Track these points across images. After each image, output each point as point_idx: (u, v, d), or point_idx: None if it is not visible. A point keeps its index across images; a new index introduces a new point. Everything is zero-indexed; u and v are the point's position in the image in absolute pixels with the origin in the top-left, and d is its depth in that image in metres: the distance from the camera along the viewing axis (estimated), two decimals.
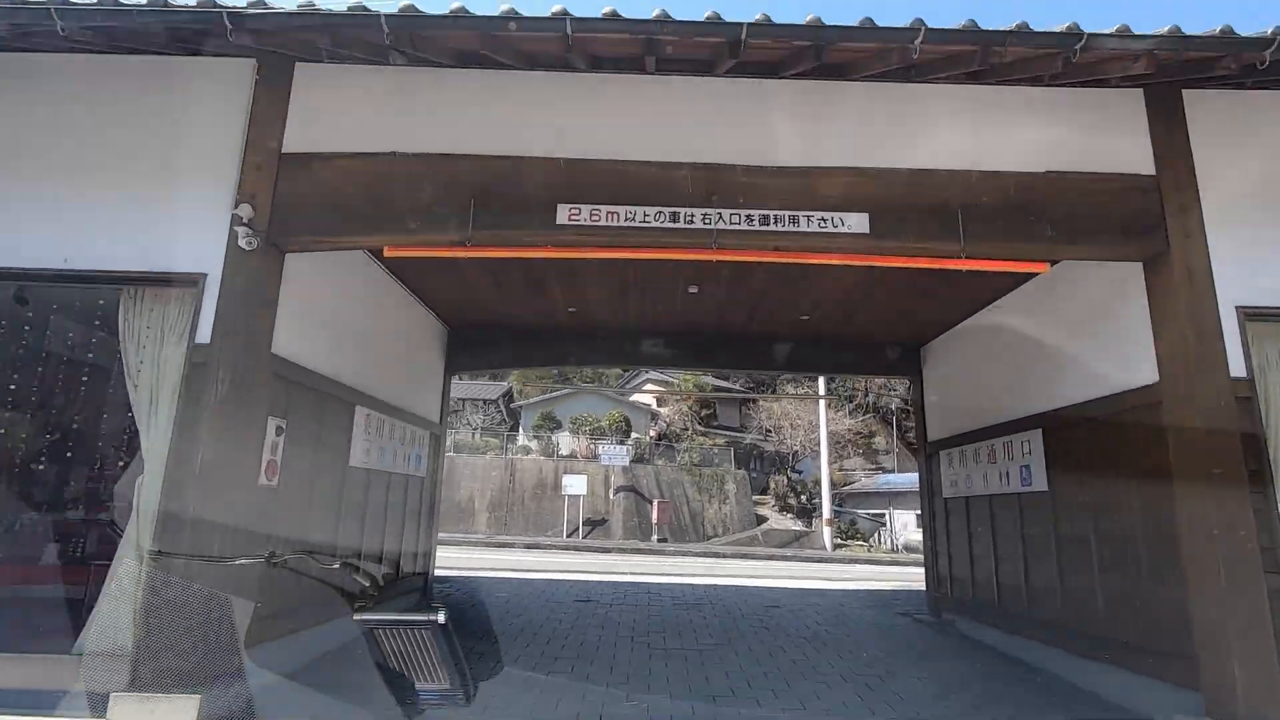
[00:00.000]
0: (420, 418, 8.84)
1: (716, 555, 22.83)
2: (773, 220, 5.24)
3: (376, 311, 7.67)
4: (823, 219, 5.24)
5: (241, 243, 5.12)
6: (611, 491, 27.30)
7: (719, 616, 8.85)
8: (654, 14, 4.69)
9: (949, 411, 9.01)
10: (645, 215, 5.25)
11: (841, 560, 23.73)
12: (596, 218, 5.25)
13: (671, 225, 5.23)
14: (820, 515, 30.99)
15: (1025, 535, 7.12)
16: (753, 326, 9.25)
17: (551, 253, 5.54)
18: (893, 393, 51.47)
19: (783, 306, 8.38)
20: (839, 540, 28.63)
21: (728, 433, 35.57)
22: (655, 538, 26.08)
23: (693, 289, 7.80)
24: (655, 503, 26.47)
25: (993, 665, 6.79)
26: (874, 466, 48.93)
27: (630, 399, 35.28)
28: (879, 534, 31.87)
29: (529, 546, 22.40)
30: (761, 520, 29.64)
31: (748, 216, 5.25)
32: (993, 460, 7.74)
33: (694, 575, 14.45)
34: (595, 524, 26.49)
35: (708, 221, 5.22)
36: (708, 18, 4.69)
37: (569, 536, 25.83)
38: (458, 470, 27.07)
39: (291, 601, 5.51)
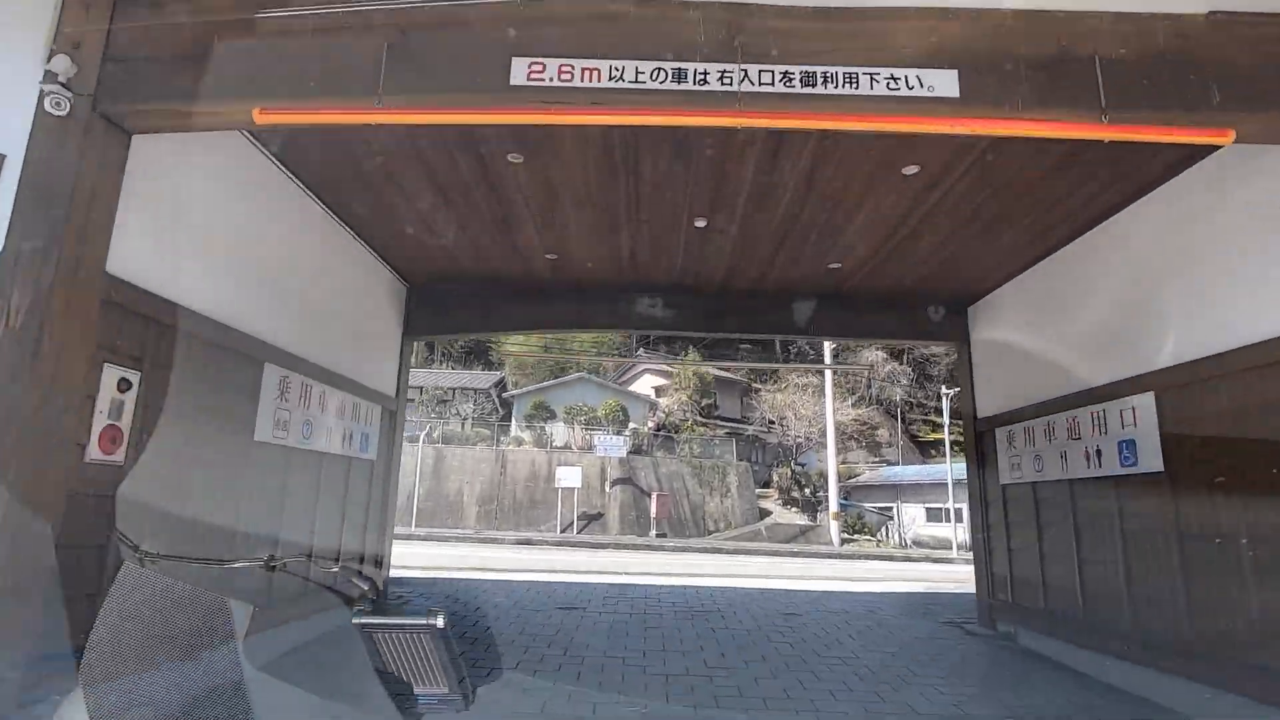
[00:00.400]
0: (369, 389, 7.22)
1: (719, 551, 21.25)
2: (820, 80, 3.61)
3: (305, 249, 6.03)
4: (892, 79, 3.62)
5: (50, 106, 3.49)
6: (608, 484, 25.69)
7: (730, 629, 7.25)
8: None
9: (1008, 380, 7.39)
10: (639, 73, 3.62)
11: (850, 556, 22.17)
12: (568, 76, 3.61)
13: (676, 87, 3.61)
14: (825, 509, 29.43)
15: (1126, 531, 5.50)
16: (769, 280, 7.62)
17: (501, 115, 3.88)
18: (896, 384, 50.03)
19: (809, 250, 6.75)
20: (846, 535, 27.07)
21: (729, 424, 33.97)
22: (654, 532, 24.49)
23: (700, 222, 6.16)
24: (654, 496, 24.88)
25: (1095, 697, 5.19)
26: (877, 460, 47.36)
27: (628, 389, 33.65)
28: (886, 528, 30.32)
29: (520, 543, 20.81)
30: (765, 514, 28.06)
31: (784, 75, 3.62)
32: (1075, 435, 6.13)
33: (696, 574, 12.87)
34: (591, 518, 24.90)
35: (727, 82, 3.59)
36: None
37: (563, 532, 24.24)
38: (446, 463, 25.46)
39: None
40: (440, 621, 1.99)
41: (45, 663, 3.10)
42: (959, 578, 15.17)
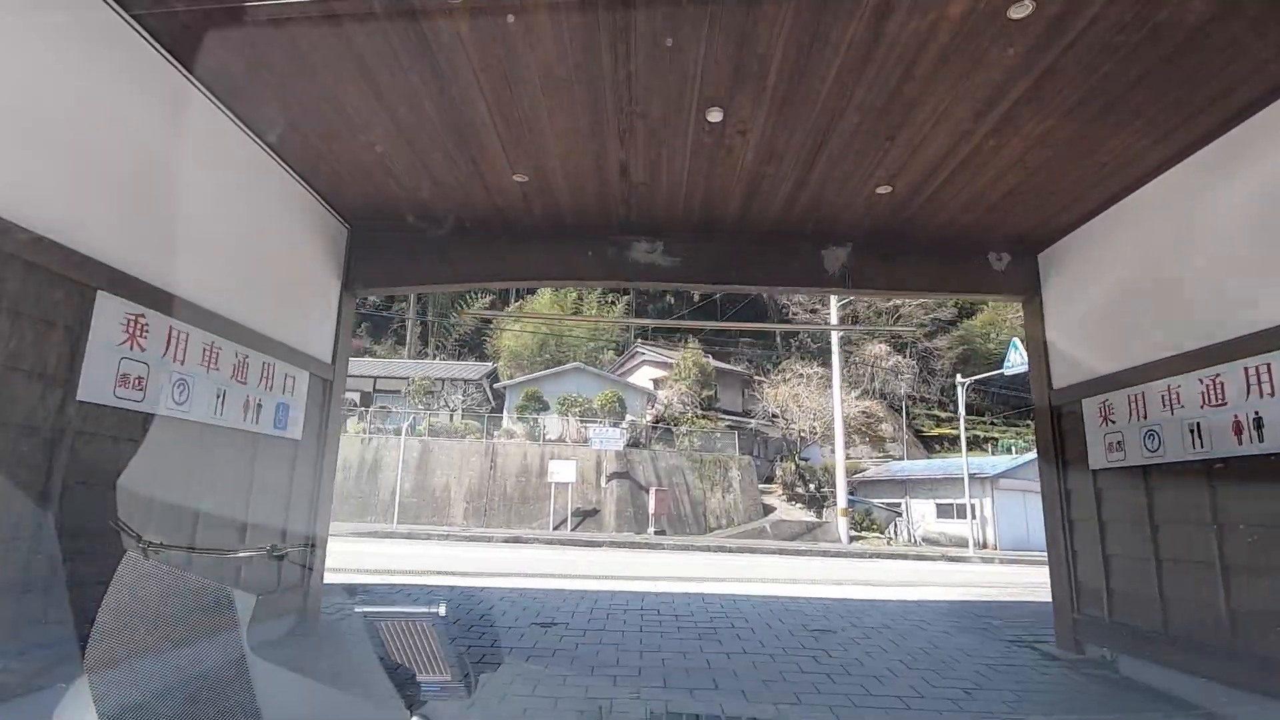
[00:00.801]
0: (291, 350, 5.61)
1: (722, 549, 19.68)
2: None
3: (188, 156, 4.41)
4: None
5: None
6: (604, 479, 24.11)
7: (749, 653, 5.66)
8: None
9: (1100, 337, 5.78)
10: None
11: (860, 554, 20.60)
12: None
13: None
14: (832, 505, 27.88)
15: None
16: (797, 212, 5.99)
17: None
18: (900, 377, 48.50)
19: (853, 162, 5.12)
20: (854, 532, 25.52)
21: (730, 417, 32.39)
22: (652, 529, 22.91)
23: (714, 114, 4.53)
24: (652, 491, 23.31)
25: None
26: (881, 455, 45.83)
27: (626, 380, 32.05)
28: (895, 525, 28.76)
29: (509, 541, 19.22)
30: (769, 510, 26.49)
31: None
32: (1214, 401, 4.55)
33: (699, 577, 11.30)
34: (586, 514, 23.32)
35: None
36: None
37: (556, 529, 22.65)
38: (433, 456, 23.85)
39: None
40: (443, 610, 1.93)
41: None
42: (991, 580, 13.60)
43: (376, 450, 23.60)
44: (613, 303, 46.82)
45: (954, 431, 53.42)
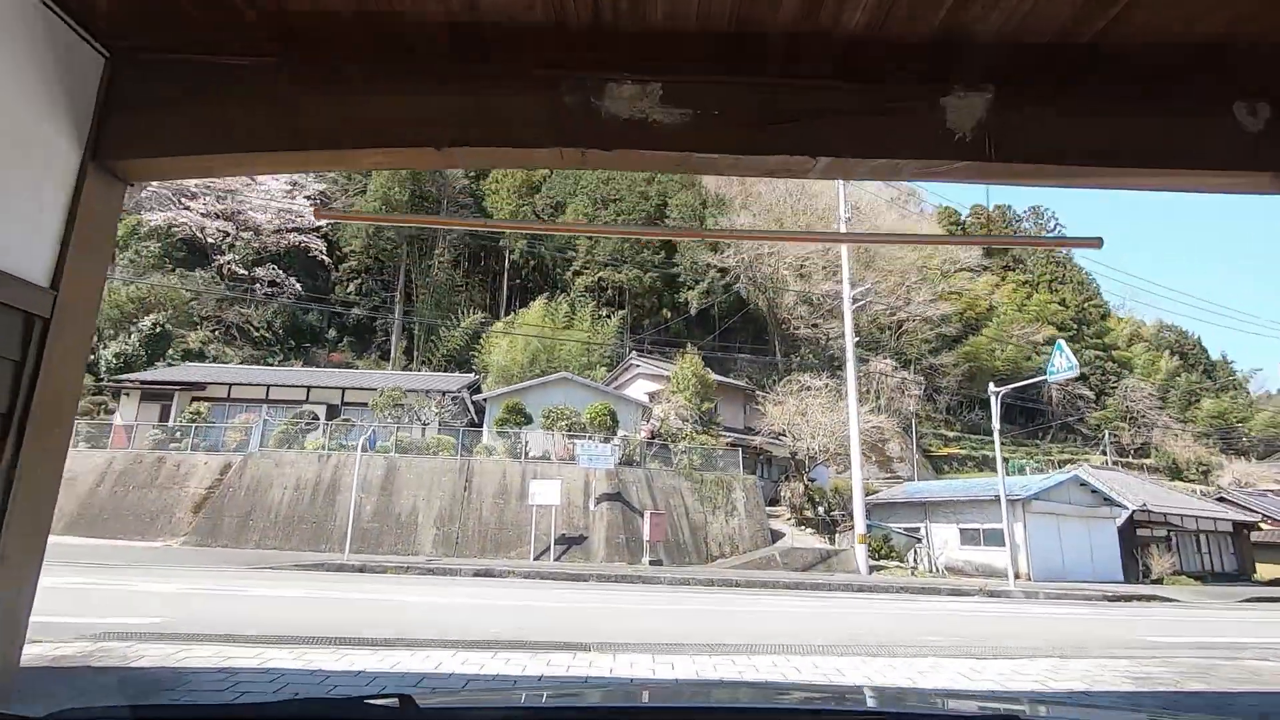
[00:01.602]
0: None
1: (728, 584, 16.55)
2: None
3: None
4: None
5: None
6: (592, 501, 21.00)
7: None
8: None
9: None
10: None
11: (887, 589, 17.48)
12: None
13: None
14: (846, 530, 24.75)
15: None
16: (896, 20, 3.18)
17: None
18: (907, 394, 45.55)
19: None
20: (872, 560, 22.39)
21: (731, 434, 29.36)
22: (647, 559, 19.77)
23: None
24: (647, 515, 20.21)
25: None
26: (888, 475, 42.68)
27: (620, 392, 29.04)
28: (915, 552, 25.61)
29: (479, 574, 16.07)
30: (777, 536, 23.37)
31: None
32: None
33: (710, 626, 8.20)
34: (572, 541, 20.18)
35: None
36: None
37: (537, 558, 19.49)
38: (399, 475, 20.74)
39: None
40: None
41: None
42: (1114, 635, 10.17)
43: (336, 469, 20.50)
44: (607, 317, 44.04)
45: (962, 451, 50.48)
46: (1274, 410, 63.43)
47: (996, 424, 19.37)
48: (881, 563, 22.79)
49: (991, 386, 19.91)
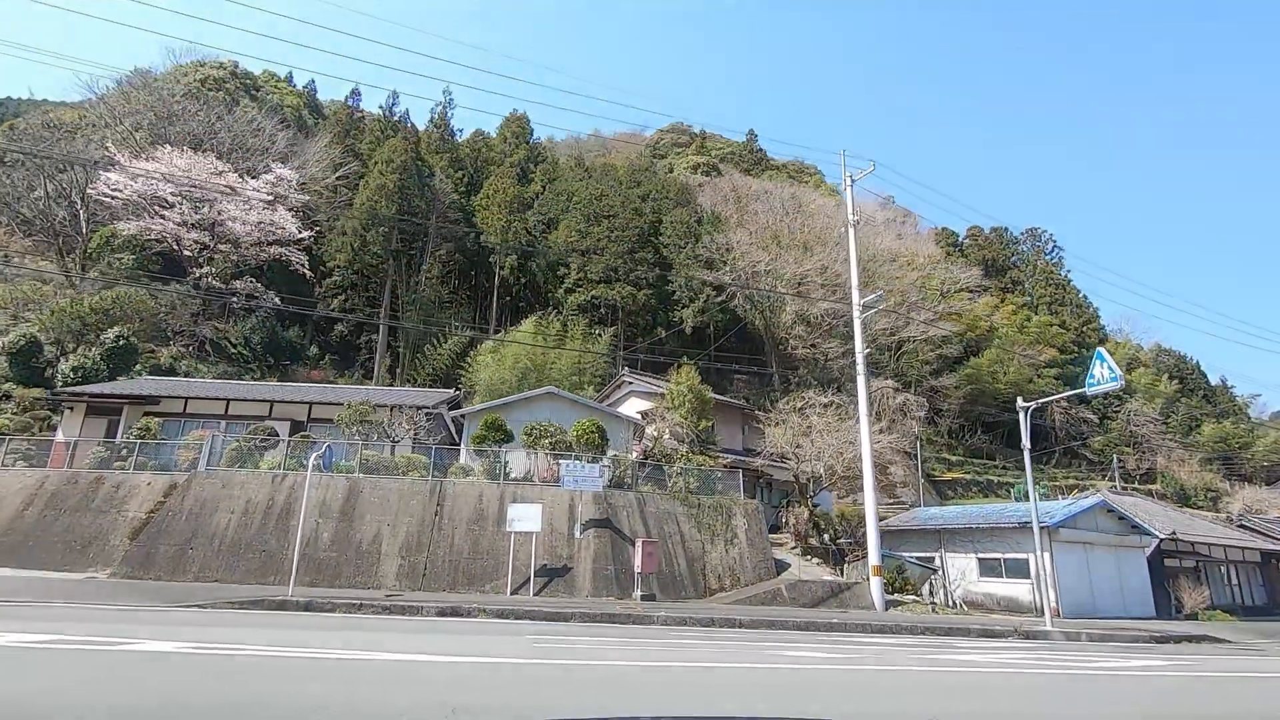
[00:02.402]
0: None
1: (731, 624, 14.17)
2: None
3: None
4: None
5: None
6: (578, 527, 18.63)
7: None
8: None
9: None
10: None
11: (911, 631, 15.11)
12: None
13: None
14: (856, 561, 22.36)
15: None
16: None
17: None
18: (910, 416, 43.34)
19: None
20: (887, 594, 19.98)
21: (730, 455, 27.07)
22: (639, 593, 17.37)
23: None
24: (639, 543, 17.84)
25: None
26: (892, 500, 40.34)
27: (610, 410, 26.76)
28: (930, 584, 23.22)
29: (444, 613, 13.67)
30: (782, 567, 20.97)
31: None
32: None
33: (721, 687, 5.94)
34: (554, 573, 17.76)
35: None
36: None
37: (515, 591, 17.06)
38: (362, 498, 18.35)
39: None
40: None
41: None
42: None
43: (291, 491, 18.09)
44: (598, 335, 41.90)
45: (967, 476, 48.13)
46: (1278, 434, 61.49)
47: (1026, 442, 17.19)
48: (897, 596, 20.39)
49: (1020, 401, 17.76)
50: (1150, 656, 12.18)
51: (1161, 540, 24.89)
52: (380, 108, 53.81)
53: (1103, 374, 15.11)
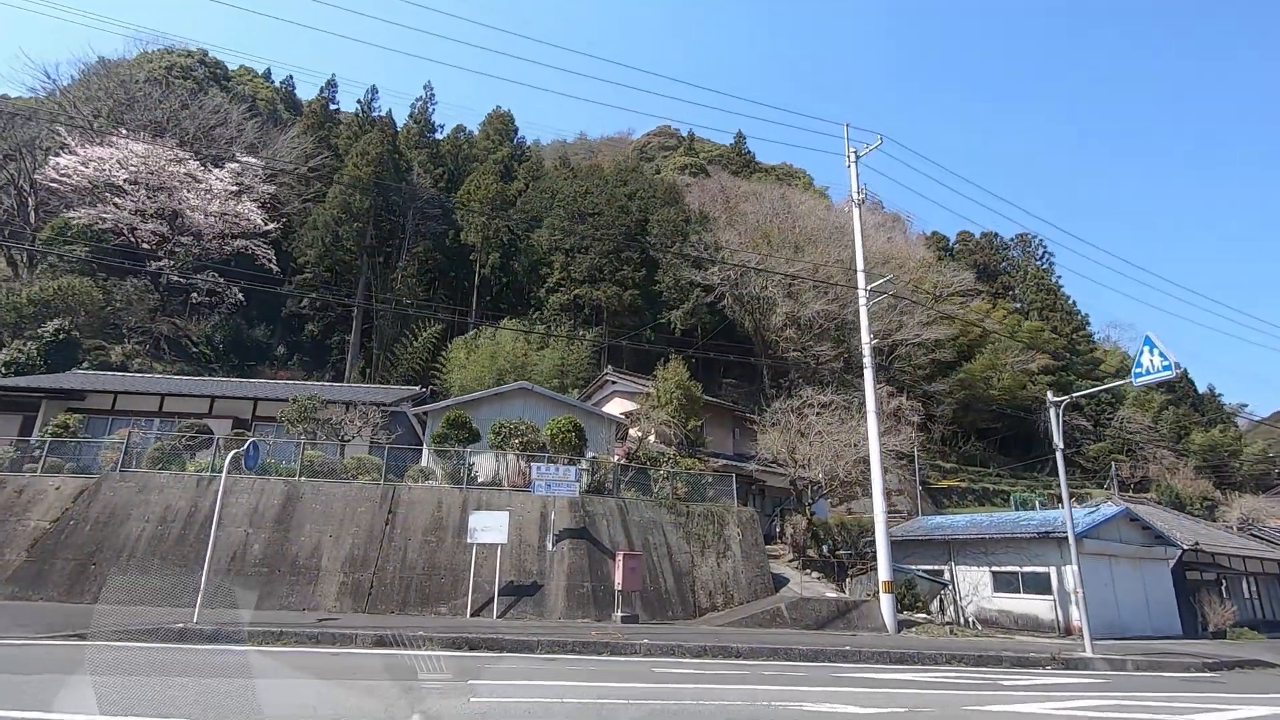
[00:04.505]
0: None
1: (727, 652, 11.70)
2: None
3: None
4: None
5: None
6: (550, 538, 16.10)
7: None
8: None
9: None
10: None
11: (935, 660, 12.69)
12: None
13: None
14: (858, 574, 19.99)
15: None
16: None
17: None
18: (904, 421, 41.15)
19: None
20: (898, 612, 17.58)
21: (720, 459, 24.64)
22: (619, 614, 14.85)
23: None
24: (620, 557, 15.34)
25: None
26: (889, 509, 38.08)
27: (592, 409, 24.27)
28: (941, 600, 20.83)
29: (380, 643, 11.06)
30: (781, 583, 18.53)
31: None
32: None
33: None
34: (522, 591, 15.20)
35: None
36: None
37: (477, 613, 14.47)
38: (302, 504, 15.70)
39: None
40: None
41: None
42: None
43: (220, 495, 15.41)
44: (582, 336, 39.44)
45: (962, 484, 45.97)
46: (1266, 441, 60.11)
47: (1059, 441, 14.97)
48: (907, 615, 18.01)
49: (1050, 396, 15.56)
50: (1238, 696, 9.79)
51: (1184, 552, 22.73)
52: (358, 102, 51.22)
53: (1154, 362, 12.90)
